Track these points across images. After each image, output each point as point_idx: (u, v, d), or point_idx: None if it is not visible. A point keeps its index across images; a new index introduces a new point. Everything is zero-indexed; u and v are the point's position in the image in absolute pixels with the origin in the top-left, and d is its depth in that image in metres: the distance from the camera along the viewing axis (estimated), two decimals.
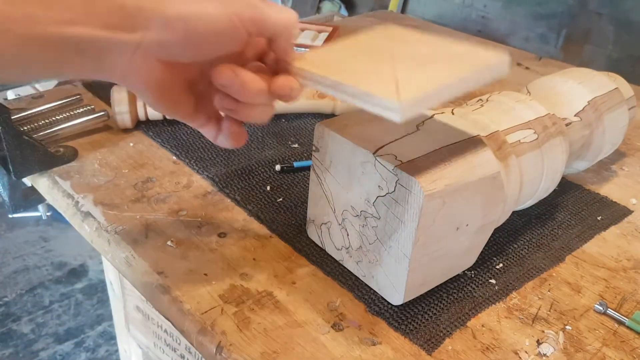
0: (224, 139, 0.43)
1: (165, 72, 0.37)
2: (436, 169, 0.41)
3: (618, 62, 1.59)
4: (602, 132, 0.59)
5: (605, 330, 0.46)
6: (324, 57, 0.41)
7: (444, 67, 0.39)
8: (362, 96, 0.35)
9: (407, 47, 0.42)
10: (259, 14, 0.36)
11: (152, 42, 0.34)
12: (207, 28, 0.34)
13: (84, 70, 0.34)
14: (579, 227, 0.57)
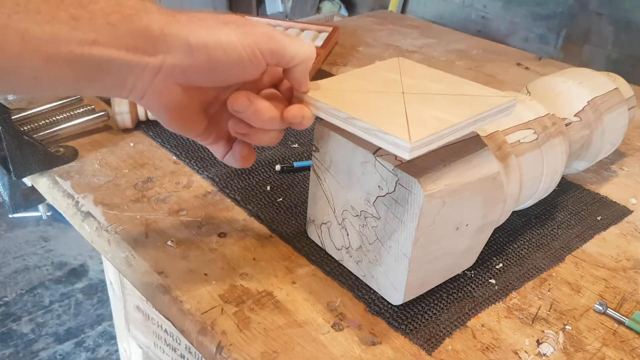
0: (232, 160, 0.44)
1: (183, 95, 0.38)
2: (436, 169, 0.41)
3: (618, 62, 1.59)
4: (601, 132, 0.59)
5: (605, 330, 0.46)
6: (336, 88, 0.42)
7: (454, 108, 0.40)
8: (374, 132, 0.37)
9: (418, 82, 0.43)
10: (279, 46, 0.37)
11: (174, 66, 0.35)
12: (228, 57, 0.35)
13: (105, 89, 0.35)
14: (578, 227, 0.57)
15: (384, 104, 0.40)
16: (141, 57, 0.34)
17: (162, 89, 0.36)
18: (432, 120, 0.38)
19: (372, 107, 0.39)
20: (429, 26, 1.19)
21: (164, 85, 0.36)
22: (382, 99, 0.41)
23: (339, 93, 0.41)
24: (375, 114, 0.38)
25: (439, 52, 1.03)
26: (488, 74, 0.95)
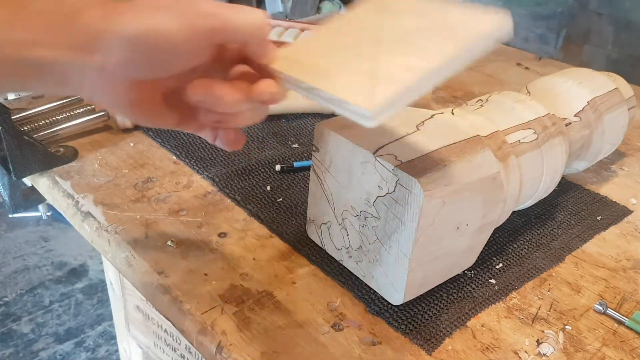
0: (221, 145, 0.42)
1: (137, 89, 0.36)
2: (436, 169, 0.41)
3: (618, 63, 1.59)
4: (601, 132, 0.59)
5: (605, 330, 0.46)
6: (303, 53, 0.39)
7: (432, 47, 0.35)
8: (336, 102, 0.34)
9: (397, 21, 0.39)
10: (218, 23, 0.34)
11: (116, 62, 0.33)
12: (165, 44, 0.33)
13: (52, 87, 0.34)
14: (578, 227, 0.57)
15: (355, 62, 0.36)
16: (82, 57, 0.32)
17: (111, 86, 0.35)
18: (402, 71, 0.34)
19: (340, 69, 0.36)
20: None
21: (112, 82, 0.34)
22: (355, 55, 0.37)
23: (304, 59, 0.38)
24: (340, 79, 0.35)
25: None
26: (488, 73, 0.95)
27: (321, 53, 0.39)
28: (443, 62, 0.34)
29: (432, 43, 0.36)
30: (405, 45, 0.36)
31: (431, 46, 0.35)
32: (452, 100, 0.85)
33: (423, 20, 0.38)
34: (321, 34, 0.41)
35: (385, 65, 0.35)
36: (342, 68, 0.36)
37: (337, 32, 0.40)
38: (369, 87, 0.33)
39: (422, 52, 0.35)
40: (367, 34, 0.38)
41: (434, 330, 0.44)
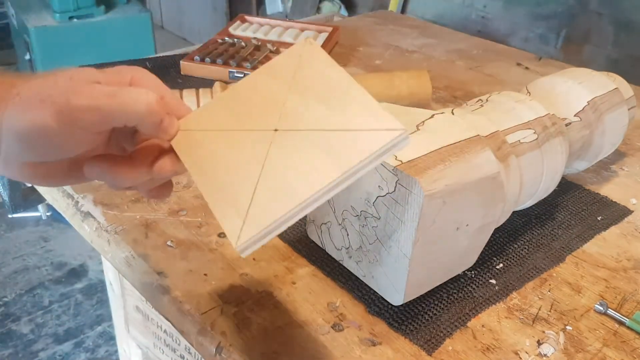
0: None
1: (33, 167, 0.35)
2: (436, 169, 0.41)
3: (618, 62, 1.59)
4: (601, 132, 0.59)
5: (606, 330, 0.46)
6: (208, 124, 0.37)
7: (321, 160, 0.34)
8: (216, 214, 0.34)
9: (301, 102, 0.36)
10: (100, 117, 0.32)
11: (7, 152, 0.33)
12: (46, 140, 0.32)
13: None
14: (579, 227, 0.57)
15: (243, 159, 0.35)
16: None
17: (10, 168, 0.35)
18: (280, 194, 0.33)
19: (227, 167, 0.35)
20: (429, 26, 1.19)
21: (9, 165, 0.35)
22: (246, 146, 0.36)
23: (205, 137, 0.36)
24: (223, 183, 0.34)
25: (439, 52, 1.03)
26: (488, 74, 0.95)
27: (219, 132, 0.37)
28: (327, 188, 0.33)
29: (322, 154, 0.34)
30: (297, 148, 0.35)
31: (320, 158, 0.34)
32: (452, 100, 0.85)
33: (325, 112, 0.35)
34: (229, 98, 0.39)
35: (268, 179, 0.34)
36: (231, 165, 0.35)
37: (245, 99, 0.38)
38: (245, 207, 0.33)
39: (309, 165, 0.34)
40: (267, 117, 0.37)
41: (434, 331, 0.44)
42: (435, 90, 0.85)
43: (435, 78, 0.88)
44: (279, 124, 0.36)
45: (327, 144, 0.34)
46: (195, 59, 0.86)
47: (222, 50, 0.89)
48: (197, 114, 0.38)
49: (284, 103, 0.37)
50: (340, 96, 0.36)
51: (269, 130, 0.36)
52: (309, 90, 0.37)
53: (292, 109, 0.36)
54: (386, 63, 0.97)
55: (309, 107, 0.36)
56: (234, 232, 0.32)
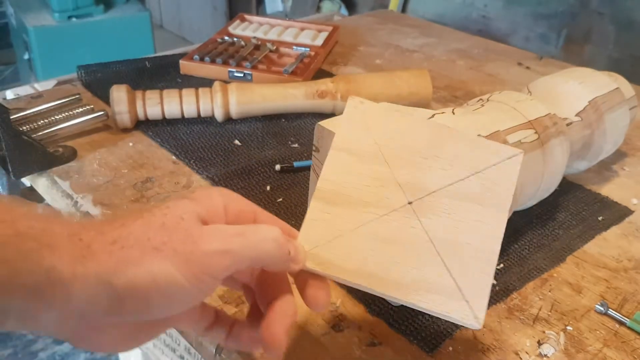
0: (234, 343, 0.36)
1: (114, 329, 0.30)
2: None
3: (619, 62, 1.59)
4: (603, 132, 0.59)
5: (606, 330, 0.45)
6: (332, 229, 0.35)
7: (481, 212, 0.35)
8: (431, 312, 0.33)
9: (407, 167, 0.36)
10: (234, 261, 0.29)
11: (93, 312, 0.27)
12: (168, 294, 0.27)
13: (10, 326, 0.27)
14: (579, 227, 0.57)
15: (402, 244, 0.34)
16: (44, 304, 0.26)
17: (71, 330, 0.28)
18: (473, 257, 0.33)
19: (391, 260, 0.33)
20: (429, 25, 1.19)
21: (75, 327, 0.28)
22: (394, 231, 0.34)
23: (339, 244, 0.34)
24: (399, 276, 0.33)
25: (439, 51, 1.03)
26: (489, 73, 0.95)
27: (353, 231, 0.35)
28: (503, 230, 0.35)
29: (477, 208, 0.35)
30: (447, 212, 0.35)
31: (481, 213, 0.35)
32: (453, 99, 0.85)
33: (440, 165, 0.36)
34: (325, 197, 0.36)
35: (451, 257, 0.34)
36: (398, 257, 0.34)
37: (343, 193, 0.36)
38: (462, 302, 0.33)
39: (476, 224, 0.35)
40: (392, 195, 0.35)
41: (434, 331, 0.44)
42: (436, 89, 0.84)
43: (435, 77, 0.88)
44: (407, 196, 0.35)
45: (469, 192, 0.36)
46: (194, 59, 0.85)
47: (221, 49, 0.89)
48: (310, 228, 0.35)
49: (392, 175, 0.36)
50: (437, 144, 0.37)
51: (403, 206, 0.35)
52: (405, 151, 0.37)
53: (407, 176, 0.36)
54: (386, 62, 0.97)
55: (421, 168, 0.36)
56: (467, 315, 0.32)
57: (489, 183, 0.36)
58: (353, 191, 0.35)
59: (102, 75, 0.82)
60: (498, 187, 0.36)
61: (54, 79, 0.85)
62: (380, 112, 0.38)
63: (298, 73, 0.84)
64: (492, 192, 0.35)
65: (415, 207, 0.35)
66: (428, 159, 0.36)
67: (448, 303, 0.32)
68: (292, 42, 0.95)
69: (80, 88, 0.79)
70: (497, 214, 0.35)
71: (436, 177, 0.36)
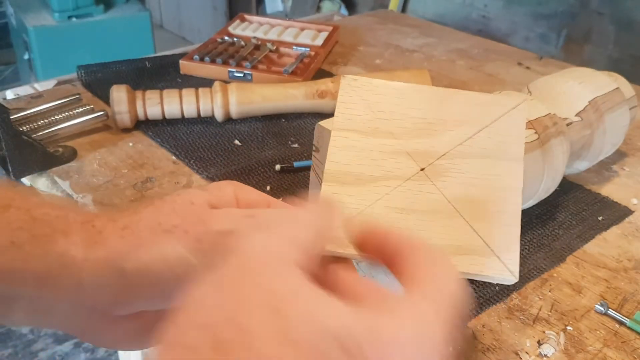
0: None
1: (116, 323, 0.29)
2: None
3: (619, 62, 1.59)
4: (603, 132, 0.59)
5: (606, 330, 0.45)
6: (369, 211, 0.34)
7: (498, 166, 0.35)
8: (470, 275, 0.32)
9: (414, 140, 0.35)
10: None
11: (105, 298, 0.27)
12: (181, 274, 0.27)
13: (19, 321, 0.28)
14: (579, 227, 0.57)
15: (428, 215, 0.33)
16: (55, 293, 0.26)
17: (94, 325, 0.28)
18: (501, 224, 0.32)
19: (419, 229, 0.33)
20: (429, 25, 1.19)
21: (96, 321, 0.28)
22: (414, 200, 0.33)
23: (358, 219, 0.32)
24: (434, 243, 0.32)
25: (439, 51, 1.03)
26: (489, 73, 0.94)
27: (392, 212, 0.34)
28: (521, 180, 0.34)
29: (493, 162, 0.35)
30: (462, 171, 0.34)
31: (498, 168, 0.35)
32: None
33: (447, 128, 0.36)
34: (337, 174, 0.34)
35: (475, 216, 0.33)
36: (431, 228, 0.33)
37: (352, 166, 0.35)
38: (496, 260, 0.32)
39: (497, 176, 0.34)
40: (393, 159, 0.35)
41: None
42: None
43: (435, 77, 0.88)
44: (419, 163, 0.34)
45: (480, 148, 0.35)
46: (194, 59, 0.85)
47: (221, 49, 0.89)
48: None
49: (399, 145, 0.35)
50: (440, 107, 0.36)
51: (416, 173, 0.34)
52: (408, 120, 0.35)
53: (415, 143, 0.35)
54: (386, 62, 0.97)
55: (428, 133, 0.35)
56: (501, 270, 0.32)
57: (499, 136, 0.35)
58: (362, 168, 0.35)
59: (102, 75, 0.82)
60: (508, 138, 0.35)
61: (54, 79, 0.85)
62: (376, 86, 0.37)
63: (298, 73, 0.84)
64: (503, 144, 0.35)
65: (428, 172, 0.34)
66: (433, 123, 0.35)
67: (480, 262, 0.32)
68: (292, 42, 0.95)
69: (80, 88, 0.79)
70: (512, 165, 0.34)
71: (444, 140, 0.35)
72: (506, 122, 0.36)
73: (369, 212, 0.33)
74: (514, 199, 0.33)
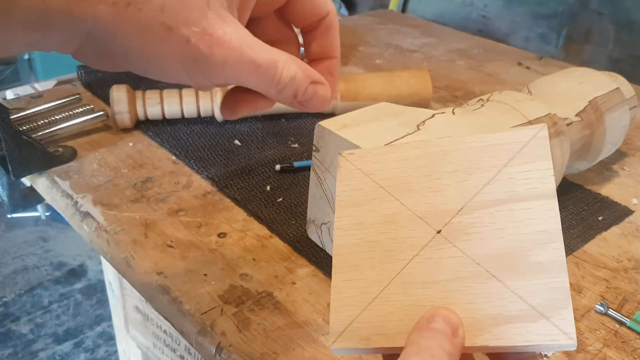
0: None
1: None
2: None
3: (619, 62, 1.59)
4: (602, 132, 0.59)
5: (606, 330, 0.45)
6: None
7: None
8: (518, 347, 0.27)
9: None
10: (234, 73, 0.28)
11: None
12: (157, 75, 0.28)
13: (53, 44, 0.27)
14: (579, 227, 0.57)
15: (454, 283, 0.28)
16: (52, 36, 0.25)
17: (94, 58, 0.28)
18: (543, 276, 0.27)
19: (447, 303, 0.28)
20: (429, 25, 1.19)
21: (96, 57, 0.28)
22: (435, 270, 0.29)
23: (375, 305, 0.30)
24: (468, 317, 0.27)
25: (439, 51, 1.03)
26: (489, 73, 0.95)
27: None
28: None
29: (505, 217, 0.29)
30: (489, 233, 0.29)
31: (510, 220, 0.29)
32: (453, 99, 0.85)
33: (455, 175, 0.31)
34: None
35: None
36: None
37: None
38: (544, 320, 0.27)
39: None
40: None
41: None
42: (436, 89, 0.84)
43: (435, 77, 0.88)
44: (433, 225, 0.30)
45: (502, 193, 0.30)
46: None
47: None
48: (339, 305, 0.30)
49: (408, 210, 0.31)
50: (445, 159, 0.31)
51: (433, 238, 0.30)
52: (414, 181, 0.32)
53: (425, 205, 0.31)
54: (386, 62, 0.97)
55: (437, 190, 0.31)
56: (554, 334, 0.27)
57: (521, 173, 0.30)
58: (373, 245, 0.31)
59: (102, 75, 0.82)
60: (533, 173, 0.29)
61: (54, 79, 0.85)
62: (373, 154, 0.34)
63: None
64: (528, 181, 0.29)
65: (446, 234, 0.30)
66: (441, 178, 0.31)
67: (525, 329, 0.26)
68: None
69: (80, 88, 0.79)
70: (544, 204, 0.29)
71: (458, 193, 0.30)
72: (527, 155, 0.30)
73: (385, 296, 0.29)
74: (554, 243, 0.28)
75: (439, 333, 0.26)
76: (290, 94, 0.30)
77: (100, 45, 0.26)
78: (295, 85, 0.30)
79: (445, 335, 0.26)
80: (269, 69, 0.29)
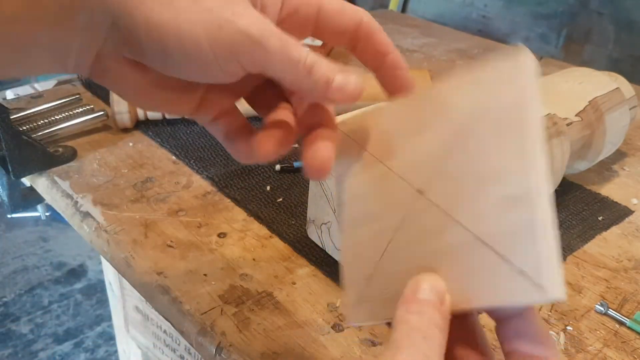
0: (229, 146, 0.36)
1: (146, 74, 0.28)
2: None
3: (619, 62, 1.59)
4: (602, 132, 0.59)
5: (607, 330, 0.45)
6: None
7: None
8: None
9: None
10: (263, 59, 0.27)
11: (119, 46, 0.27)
12: (188, 54, 0.26)
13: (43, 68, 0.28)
14: (579, 227, 0.57)
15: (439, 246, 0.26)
16: (75, 33, 0.26)
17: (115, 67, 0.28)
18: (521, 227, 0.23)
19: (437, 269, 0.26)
20: (429, 25, 1.19)
21: (116, 63, 0.28)
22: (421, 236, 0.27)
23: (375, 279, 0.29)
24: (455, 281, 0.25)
25: (439, 51, 1.03)
26: None
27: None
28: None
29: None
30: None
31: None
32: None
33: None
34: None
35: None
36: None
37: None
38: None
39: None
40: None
41: None
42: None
43: (435, 77, 0.88)
44: (415, 184, 0.27)
45: (476, 137, 0.25)
46: None
47: None
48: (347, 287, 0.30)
49: (391, 170, 0.29)
50: (419, 114, 0.29)
51: (416, 199, 0.27)
52: (395, 139, 0.29)
53: (405, 163, 0.28)
54: None
55: (415, 144, 0.28)
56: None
57: (496, 110, 0.24)
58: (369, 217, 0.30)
59: None
60: (513, 106, 0.24)
61: (54, 79, 0.85)
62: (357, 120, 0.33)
63: None
64: (508, 115, 0.24)
65: (426, 191, 0.27)
66: (420, 133, 0.28)
67: (507, 288, 0.23)
68: None
69: (80, 88, 0.79)
70: (525, 143, 0.23)
71: (434, 144, 0.27)
72: (504, 79, 0.25)
73: (381, 268, 0.28)
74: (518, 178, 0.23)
75: (427, 305, 0.24)
76: (321, 76, 0.28)
77: (121, 36, 0.26)
78: (324, 68, 0.28)
79: (433, 307, 0.24)
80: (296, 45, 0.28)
